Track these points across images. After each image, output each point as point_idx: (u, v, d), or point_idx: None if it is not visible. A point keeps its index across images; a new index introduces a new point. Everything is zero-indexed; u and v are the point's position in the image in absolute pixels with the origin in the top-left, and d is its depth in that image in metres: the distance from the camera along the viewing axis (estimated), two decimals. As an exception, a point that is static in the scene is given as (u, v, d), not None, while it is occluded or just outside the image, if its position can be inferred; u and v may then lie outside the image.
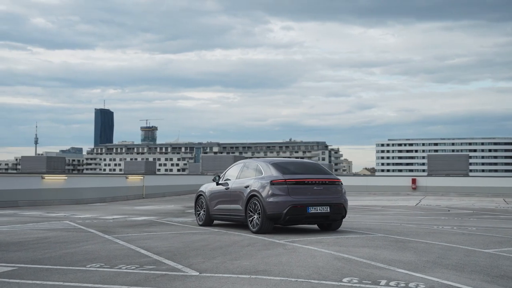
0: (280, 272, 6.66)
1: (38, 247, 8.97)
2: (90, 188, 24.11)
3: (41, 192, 21.17)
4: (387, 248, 8.78)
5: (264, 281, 6.13)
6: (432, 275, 6.56)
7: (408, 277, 6.42)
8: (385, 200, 26.26)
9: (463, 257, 7.95)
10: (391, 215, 16.77)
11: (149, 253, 8.25)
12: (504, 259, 7.84)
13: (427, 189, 33.05)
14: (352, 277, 6.35)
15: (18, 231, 11.38)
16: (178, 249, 8.66)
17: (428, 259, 7.70)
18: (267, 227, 10.61)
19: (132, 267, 7.01)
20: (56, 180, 22.38)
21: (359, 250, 8.45)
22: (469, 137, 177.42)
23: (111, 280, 6.20)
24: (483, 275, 6.60)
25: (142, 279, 6.29)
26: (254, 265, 7.16)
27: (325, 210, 10.63)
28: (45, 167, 50.27)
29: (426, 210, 19.79)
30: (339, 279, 6.26)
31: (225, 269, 6.86)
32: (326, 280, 6.21)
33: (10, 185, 20.30)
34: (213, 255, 8.05)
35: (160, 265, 7.19)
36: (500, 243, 9.69)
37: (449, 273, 6.70)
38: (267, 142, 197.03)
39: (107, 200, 24.72)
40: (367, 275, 6.48)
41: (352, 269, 6.89)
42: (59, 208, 19.40)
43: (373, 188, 33.94)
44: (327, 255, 7.93)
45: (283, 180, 10.55)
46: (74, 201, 22.39)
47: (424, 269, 6.98)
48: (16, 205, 19.81)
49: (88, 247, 8.98)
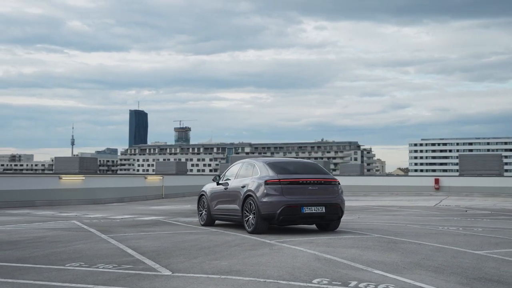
0: (253, 272, 6.62)
1: (31, 246, 9.10)
2: (108, 188, 24.40)
3: (58, 192, 21.52)
4: (375, 249, 8.64)
5: (232, 281, 6.09)
6: (408, 276, 6.42)
7: (382, 278, 6.30)
8: (405, 201, 25.89)
9: (449, 258, 7.77)
10: (403, 216, 16.51)
11: (134, 252, 8.29)
12: (492, 260, 7.63)
13: (450, 189, 32.43)
14: (324, 278, 6.26)
15: (20, 230, 11.58)
16: (165, 249, 8.68)
17: (412, 260, 7.54)
18: (262, 227, 10.55)
19: (110, 267, 7.05)
20: (73, 180, 22.73)
21: (346, 251, 8.34)
22: (504, 137, 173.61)
23: (81, 279, 6.24)
24: (460, 277, 6.44)
25: (113, 278, 6.32)
26: (231, 265, 7.13)
27: (320, 210, 10.52)
28: (78, 168, 51.21)
29: (442, 210, 19.43)
30: (309, 280, 6.18)
31: (199, 269, 6.84)
32: (295, 281, 6.14)
33: (27, 185, 20.70)
34: (196, 255, 8.04)
35: (138, 265, 7.21)
36: (497, 244, 9.44)
37: (426, 275, 6.55)
38: (299, 143, 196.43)
39: (125, 200, 24.98)
40: (340, 276, 6.38)
41: (328, 270, 6.79)
42: (74, 208, 19.69)
43: (396, 188, 33.46)
44: (310, 256, 7.84)
45: (277, 180, 10.48)
46: (91, 201, 22.70)
47: (403, 270, 6.84)
48: (33, 205, 20.18)
49: (79, 246, 9.08)
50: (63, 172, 42.48)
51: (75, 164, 55.22)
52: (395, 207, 21.22)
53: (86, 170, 53.07)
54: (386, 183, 34.40)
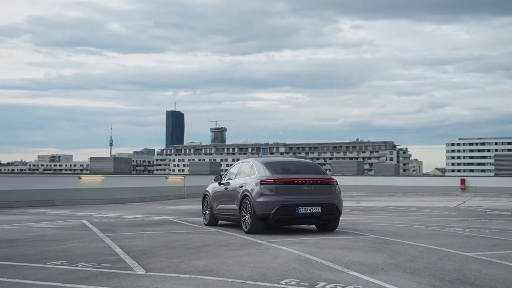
0: (226, 272, 6.60)
1: (26, 244, 9.27)
2: (128, 188, 24.69)
3: (77, 192, 21.89)
4: (364, 249, 8.51)
5: (199, 281, 6.09)
6: (381, 278, 6.32)
7: (353, 280, 6.21)
8: (427, 201, 25.45)
9: (435, 260, 7.60)
10: (416, 216, 16.24)
11: (121, 251, 8.36)
12: (478, 263, 7.43)
13: (476, 190, 31.69)
14: (294, 279, 6.21)
15: (25, 229, 11.81)
16: (153, 248, 8.73)
17: (395, 262, 7.41)
18: (258, 227, 10.51)
19: (89, 265, 7.12)
20: (93, 180, 23.09)
21: (332, 252, 8.25)
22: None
23: (54, 278, 6.33)
24: (435, 279, 6.29)
25: (85, 276, 6.39)
26: (208, 265, 7.12)
27: (316, 211, 10.42)
28: (112, 168, 52.14)
29: (461, 211, 19.04)
30: (278, 280, 6.14)
31: (174, 269, 6.85)
32: (264, 281, 6.10)
33: (47, 185, 21.11)
34: (181, 254, 8.07)
35: (117, 264, 7.27)
36: (494, 246, 9.20)
37: (401, 277, 6.43)
38: (333, 143, 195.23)
39: (145, 200, 25.23)
40: (311, 277, 6.31)
41: (303, 271, 6.73)
42: (92, 208, 19.98)
43: (421, 188, 32.91)
44: (292, 256, 7.78)
45: (272, 180, 10.43)
46: (111, 201, 23.01)
47: (380, 272, 6.73)
48: (53, 204, 20.57)
49: (71, 245, 9.21)
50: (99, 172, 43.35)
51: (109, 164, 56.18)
52: (414, 208, 20.90)
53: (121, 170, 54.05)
54: (411, 184, 33.86)
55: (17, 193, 19.62)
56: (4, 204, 19.03)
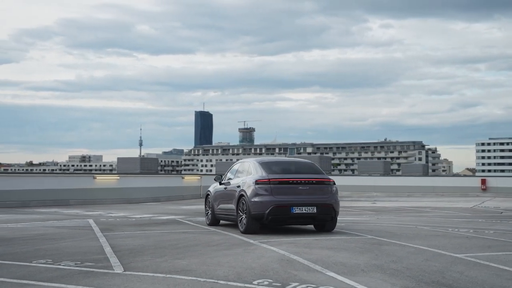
0: (202, 272, 6.60)
1: (22, 243, 9.40)
2: (143, 188, 24.88)
3: (92, 192, 22.14)
4: (353, 250, 8.42)
5: (171, 280, 6.11)
6: (357, 279, 6.24)
7: (327, 280, 6.15)
8: (445, 202, 25.07)
9: (420, 261, 7.48)
10: (427, 217, 16.00)
11: (110, 250, 8.42)
12: (463, 264, 7.28)
13: (497, 190, 31.09)
14: (267, 279, 6.17)
15: (28, 228, 11.99)
16: (143, 247, 8.78)
17: (379, 263, 7.31)
18: (253, 227, 10.47)
19: (71, 264, 7.19)
20: (107, 180, 23.34)
21: (318, 252, 8.17)
22: None
23: (30, 276, 6.40)
24: (411, 281, 6.19)
25: (61, 275, 6.45)
26: (188, 264, 7.13)
27: (311, 211, 10.33)
28: (139, 168, 52.76)
29: (476, 212, 18.71)
30: (251, 281, 6.11)
31: (153, 268, 6.87)
32: (237, 281, 6.08)
33: (62, 184, 21.42)
34: (166, 253, 8.09)
35: (100, 262, 7.32)
36: (489, 247, 9.00)
37: (378, 278, 6.35)
38: (361, 142, 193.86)
39: (161, 200, 25.39)
40: (286, 278, 6.27)
41: (280, 271, 6.69)
42: (105, 207, 20.19)
43: (441, 189, 32.43)
44: (276, 257, 7.74)
45: (267, 180, 10.39)
46: (126, 201, 23.21)
47: (359, 272, 6.65)
48: (67, 204, 20.84)
49: (65, 243, 9.31)
50: (125, 172, 43.92)
51: (136, 164, 56.93)
52: (429, 208, 20.61)
53: (148, 170, 54.65)
54: (431, 184, 33.39)
55: (31, 193, 19.95)
56: (18, 204, 19.37)
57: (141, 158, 60.16)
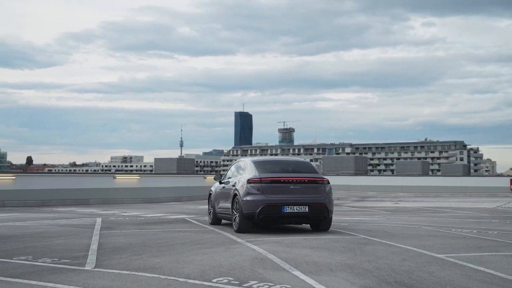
0: (169, 270, 6.64)
1: (16, 240, 9.62)
2: (164, 188, 25.16)
3: (112, 191, 22.53)
4: (334, 250, 8.33)
5: (132, 277, 6.18)
6: (318, 278, 6.18)
7: (287, 280, 6.11)
8: (470, 202, 24.56)
9: (397, 261, 7.35)
10: (439, 217, 15.72)
11: (95, 248, 8.53)
12: (439, 264, 7.12)
13: (528, 190, 30.33)
14: (227, 278, 6.18)
15: (33, 226, 12.27)
16: (129, 245, 8.88)
17: (352, 262, 7.22)
18: (245, 226, 10.47)
19: (49, 261, 7.33)
20: (128, 180, 23.69)
21: (298, 251, 8.12)
22: None
23: (1, 273, 6.56)
24: (374, 281, 6.09)
25: (31, 271, 6.58)
26: (161, 262, 7.19)
27: (303, 210, 10.26)
28: (176, 168, 53.55)
29: (497, 212, 18.29)
30: (210, 279, 6.12)
31: (124, 266, 6.95)
32: (196, 279, 6.10)
33: (83, 184, 21.85)
34: (147, 251, 8.17)
35: (77, 260, 7.44)
36: (479, 248, 8.77)
37: (342, 277, 6.27)
38: (401, 142, 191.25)
39: (183, 200, 25.61)
40: (247, 276, 6.26)
41: (247, 269, 6.68)
42: (123, 207, 20.50)
43: (470, 189, 31.75)
44: (252, 255, 7.72)
45: (259, 179, 10.37)
46: (147, 200, 23.51)
47: (325, 272, 6.58)
48: (87, 203, 21.25)
49: (57, 241, 9.49)
50: (163, 172, 44.51)
51: (173, 165, 57.74)
52: (449, 209, 20.24)
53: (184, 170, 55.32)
54: (460, 184, 32.72)
55: (51, 192, 20.42)
56: (38, 203, 19.86)
57: (177, 159, 60.90)
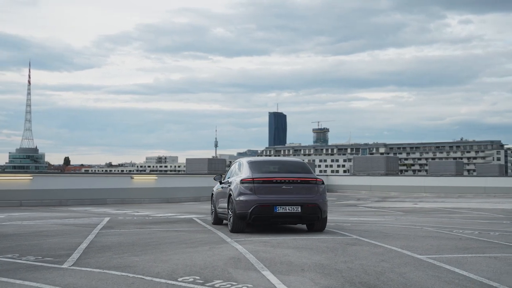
0: (141, 269, 6.72)
1: (14, 239, 9.87)
2: (182, 188, 25.38)
3: (129, 191, 22.83)
4: (317, 250, 8.31)
5: (101, 275, 6.30)
6: (284, 278, 6.19)
7: (253, 279, 6.14)
8: (490, 203, 24.10)
9: (374, 262, 7.29)
10: (449, 218, 15.49)
11: (84, 247, 8.69)
12: (414, 265, 7.04)
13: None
14: (194, 277, 6.25)
15: (38, 225, 12.54)
16: (118, 244, 9.02)
17: (326, 262, 7.19)
18: (239, 226, 10.51)
19: (32, 259, 7.53)
20: (145, 180, 23.98)
21: (279, 251, 8.12)
22: None
23: (-20, 269, 6.77)
24: (339, 281, 6.08)
25: (8, 269, 6.76)
26: (138, 261, 7.28)
27: (295, 210, 10.25)
28: (207, 169, 53.96)
29: (510, 213, 17.93)
30: (177, 278, 6.20)
31: (100, 264, 7.07)
32: (163, 278, 6.18)
33: (100, 184, 22.22)
34: (131, 250, 8.29)
35: (59, 258, 7.60)
36: (466, 249, 8.60)
37: (310, 277, 6.27)
38: (436, 142, 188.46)
39: (201, 200, 25.80)
40: (215, 276, 6.31)
41: (218, 269, 6.73)
42: (138, 206, 20.77)
43: (493, 189, 31.10)
44: (230, 255, 7.77)
45: (251, 179, 10.41)
46: (165, 200, 23.77)
47: (296, 272, 6.59)
48: (105, 203, 21.60)
49: (52, 240, 9.70)
50: (194, 172, 44.92)
51: (204, 165, 58.17)
52: (466, 210, 19.91)
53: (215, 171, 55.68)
54: (483, 184, 32.08)
55: (69, 192, 20.83)
56: (55, 202, 20.28)
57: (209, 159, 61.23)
